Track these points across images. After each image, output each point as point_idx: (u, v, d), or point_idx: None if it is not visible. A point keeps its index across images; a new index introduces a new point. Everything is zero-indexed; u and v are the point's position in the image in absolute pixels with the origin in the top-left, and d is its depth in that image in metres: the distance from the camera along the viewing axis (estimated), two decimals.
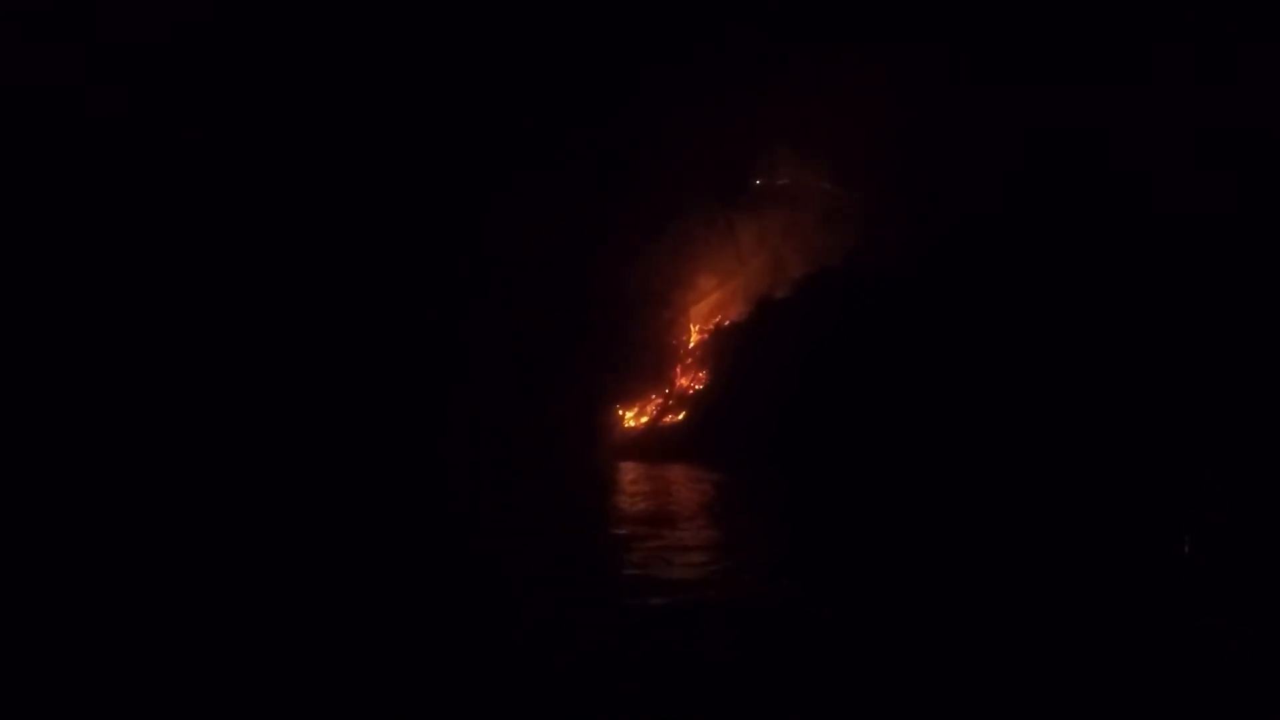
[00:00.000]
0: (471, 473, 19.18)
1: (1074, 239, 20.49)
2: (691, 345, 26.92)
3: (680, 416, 25.78)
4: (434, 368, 20.92)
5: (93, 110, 18.32)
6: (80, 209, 18.48)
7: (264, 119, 19.99)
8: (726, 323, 26.24)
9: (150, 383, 18.04)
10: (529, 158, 21.67)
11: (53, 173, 18.20)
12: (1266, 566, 11.38)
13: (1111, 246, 20.07)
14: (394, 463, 18.66)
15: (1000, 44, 20.58)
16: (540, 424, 22.15)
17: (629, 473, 22.01)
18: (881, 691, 7.66)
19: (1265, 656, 8.22)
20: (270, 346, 19.37)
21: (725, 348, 25.50)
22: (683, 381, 26.49)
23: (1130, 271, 19.72)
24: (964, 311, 20.75)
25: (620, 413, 26.16)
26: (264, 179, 19.93)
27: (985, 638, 8.91)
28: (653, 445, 25.04)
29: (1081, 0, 20.24)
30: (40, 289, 17.89)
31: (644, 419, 26.32)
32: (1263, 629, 8.92)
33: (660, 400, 26.33)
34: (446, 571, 11.59)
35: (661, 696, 7.44)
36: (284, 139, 20.08)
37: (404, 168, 21.16)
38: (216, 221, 19.55)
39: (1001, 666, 8.11)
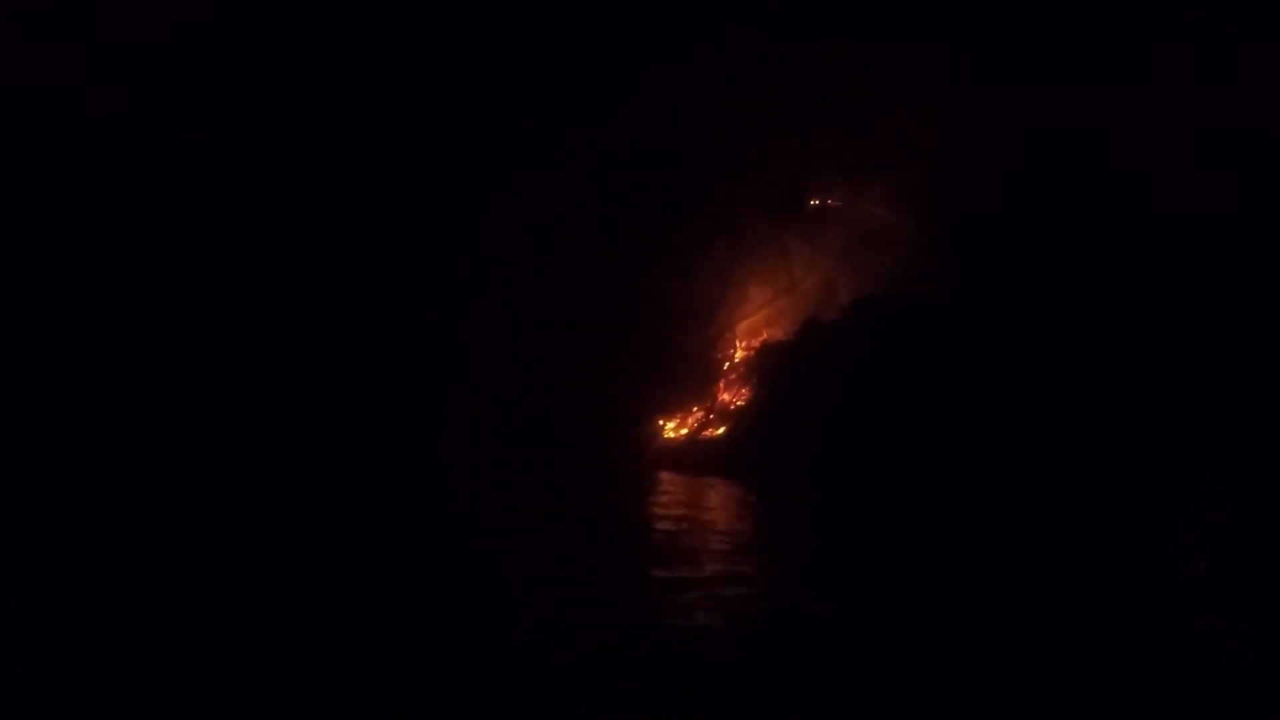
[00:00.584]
0: (471, 473, 19.18)
1: (1074, 239, 20.48)
2: (736, 361, 26.96)
3: (720, 431, 25.81)
4: (434, 368, 20.91)
5: (93, 110, 18.31)
6: (80, 209, 18.47)
7: (264, 119, 19.97)
8: (773, 341, 26.24)
9: (150, 382, 18.03)
10: (530, 158, 21.66)
11: (53, 173, 18.18)
12: (1266, 566, 11.39)
13: (1111, 246, 20.06)
14: (394, 463, 18.66)
15: (1000, 44, 20.57)
16: (549, 427, 22.16)
17: (666, 483, 22.14)
18: (880, 692, 7.66)
19: (1265, 656, 8.22)
20: (270, 346, 19.36)
21: (770, 366, 25.47)
22: (725, 397, 26.52)
23: (1130, 271, 19.71)
24: (993, 326, 20.74)
25: (661, 423, 26.26)
26: (264, 179, 19.92)
27: (986, 638, 8.91)
28: (691, 457, 25.11)
29: (1081, 0, 20.23)
30: (40, 289, 17.88)
31: (684, 431, 26.41)
32: (1263, 629, 8.92)
33: (701, 413, 26.40)
34: (446, 571, 11.59)
35: (661, 696, 7.44)
36: (284, 139, 20.07)
37: (404, 168, 21.14)
38: (216, 221, 19.54)
39: (1002, 666, 8.11)
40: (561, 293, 22.76)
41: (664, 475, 23.39)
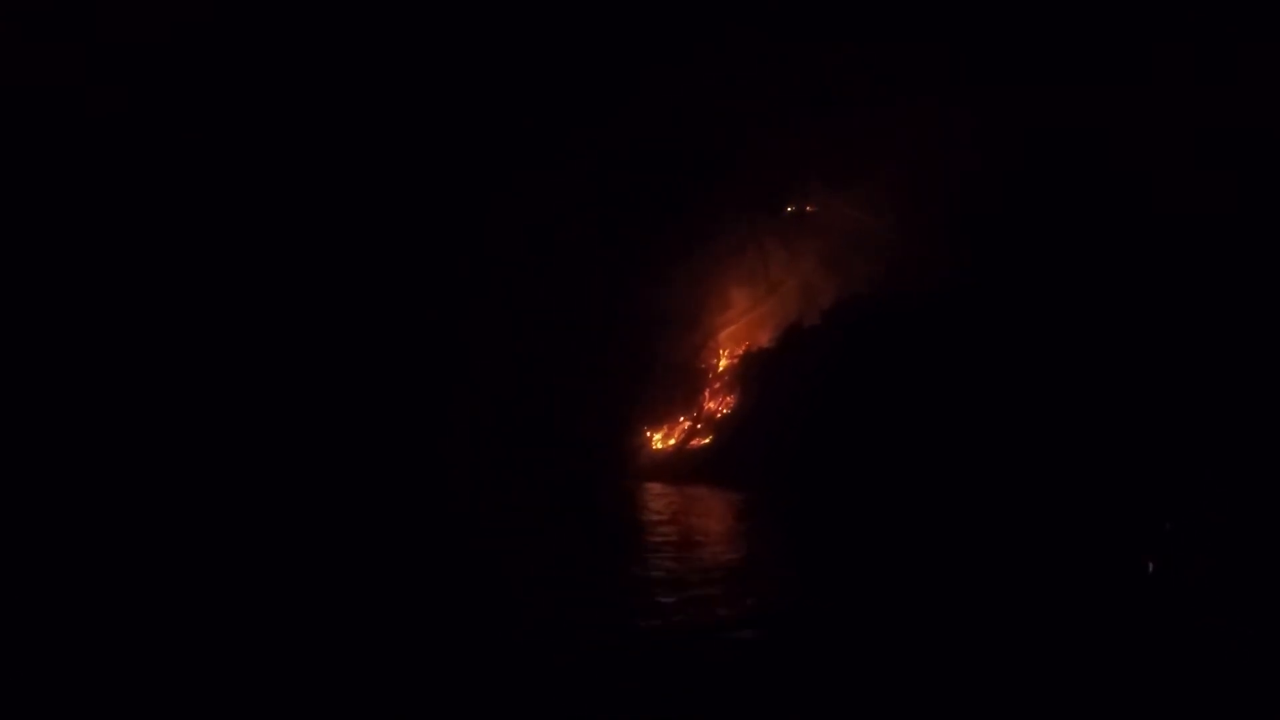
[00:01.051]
0: (471, 473, 19.19)
1: (1073, 239, 20.48)
2: (720, 369, 26.96)
3: (708, 440, 25.80)
4: (434, 368, 20.91)
5: (93, 110, 18.29)
6: (80, 209, 18.46)
7: (264, 119, 19.96)
8: (756, 348, 26.22)
9: (150, 383, 18.03)
10: (530, 158, 21.64)
11: (53, 173, 18.18)
12: (1266, 566, 11.38)
13: (1111, 246, 20.05)
14: (394, 463, 18.67)
15: (1000, 44, 20.55)
16: (549, 427, 22.15)
17: (655, 495, 22.20)
18: (880, 692, 7.66)
19: (1265, 656, 8.22)
20: (270, 347, 19.36)
21: (753, 373, 25.47)
22: (710, 405, 26.53)
23: (1130, 271, 19.70)
24: (988, 326, 20.68)
25: (648, 434, 26.27)
26: (264, 179, 19.91)
27: (983, 639, 8.91)
28: (680, 467, 25.12)
29: (1081, 0, 20.21)
30: (40, 289, 17.88)
31: (671, 441, 26.42)
32: (1263, 629, 8.91)
33: (688, 423, 26.41)
34: (446, 571, 11.60)
35: (661, 696, 7.45)
36: (284, 139, 20.06)
37: (404, 168, 21.13)
38: (216, 221, 19.54)
39: (1000, 667, 8.11)
40: (561, 293, 22.72)
41: (653, 487, 23.45)
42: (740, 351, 26.68)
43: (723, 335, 26.99)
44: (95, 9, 18.17)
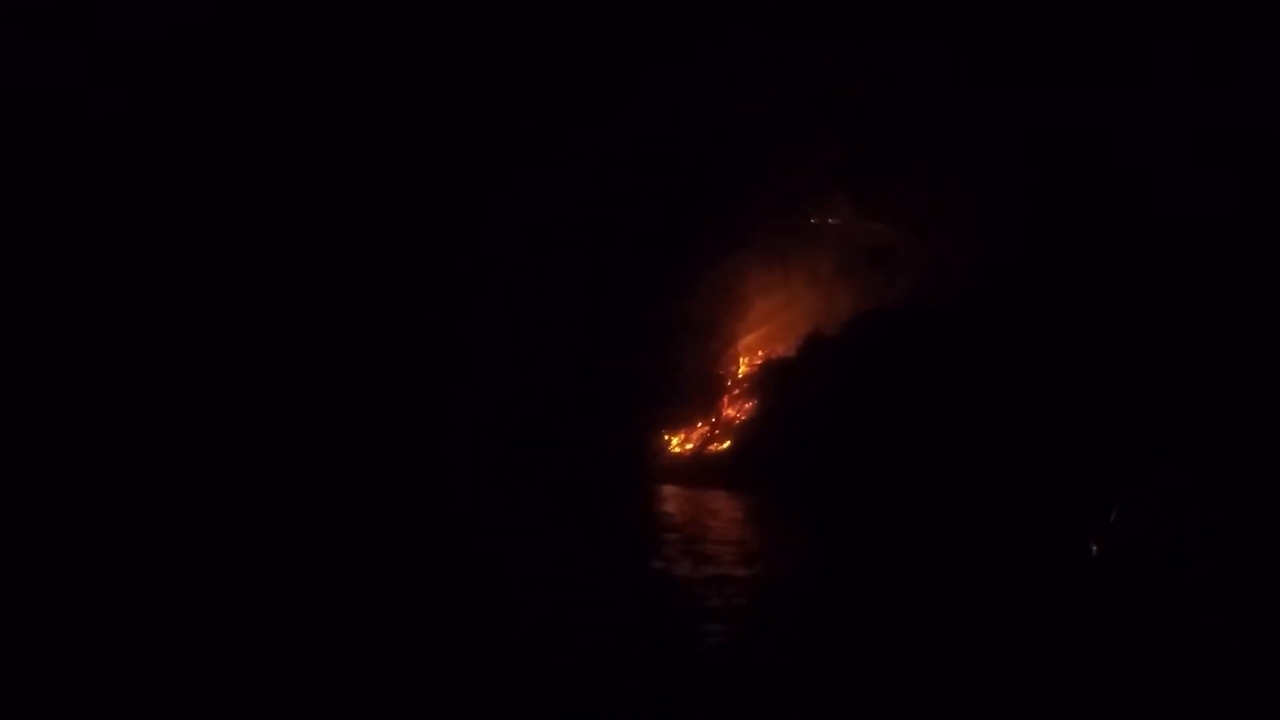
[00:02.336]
0: (471, 473, 19.18)
1: (1072, 240, 20.49)
2: (740, 376, 27.13)
3: (725, 446, 25.96)
4: (434, 368, 20.91)
5: (93, 110, 18.29)
6: (80, 209, 18.46)
7: (264, 119, 19.96)
8: (775, 357, 26.35)
9: (149, 383, 18.04)
10: (530, 158, 21.63)
11: (53, 173, 18.18)
12: (1266, 566, 11.38)
13: (1111, 246, 20.06)
14: (394, 463, 18.67)
15: (1000, 44, 20.55)
16: (549, 428, 22.12)
17: (669, 497, 22.37)
18: (882, 692, 7.67)
19: (1265, 656, 8.22)
20: (269, 347, 19.37)
21: (773, 381, 25.60)
22: (729, 412, 26.74)
23: (1130, 271, 19.71)
24: (992, 330, 20.70)
25: (667, 438, 26.44)
26: (264, 179, 19.91)
27: (986, 639, 8.92)
28: (696, 471, 25.30)
29: (1081, 0, 20.21)
30: (40, 289, 17.89)
31: (689, 445, 26.60)
32: (1263, 629, 8.92)
33: (706, 428, 26.58)
34: (446, 571, 11.60)
35: (661, 696, 7.46)
36: (284, 139, 20.05)
37: (404, 168, 21.13)
38: (216, 221, 19.54)
39: (1002, 667, 8.12)
40: (564, 296, 22.68)
41: (668, 489, 23.60)
42: (759, 360, 26.82)
43: (742, 343, 27.16)
44: (95, 9, 18.16)
